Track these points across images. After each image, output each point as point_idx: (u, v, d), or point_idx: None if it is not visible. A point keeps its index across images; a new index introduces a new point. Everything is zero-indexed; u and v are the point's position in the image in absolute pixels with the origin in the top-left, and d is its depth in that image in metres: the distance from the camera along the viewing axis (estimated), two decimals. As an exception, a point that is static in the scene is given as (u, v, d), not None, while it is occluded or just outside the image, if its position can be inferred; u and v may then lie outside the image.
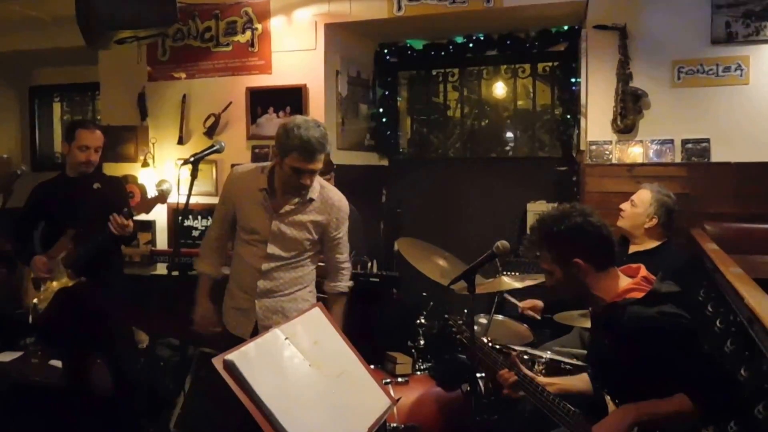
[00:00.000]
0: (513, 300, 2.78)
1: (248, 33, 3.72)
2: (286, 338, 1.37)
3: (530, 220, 3.58)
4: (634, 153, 3.09)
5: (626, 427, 1.41)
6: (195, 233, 3.83)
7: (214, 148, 2.26)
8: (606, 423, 1.45)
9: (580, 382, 1.71)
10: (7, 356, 3.21)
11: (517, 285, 2.49)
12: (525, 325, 2.77)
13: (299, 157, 1.95)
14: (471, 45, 3.77)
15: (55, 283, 2.67)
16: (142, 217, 3.15)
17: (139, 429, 2.67)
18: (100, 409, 2.67)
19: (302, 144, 1.93)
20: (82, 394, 2.72)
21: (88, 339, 2.71)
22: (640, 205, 2.44)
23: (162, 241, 3.93)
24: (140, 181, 3.93)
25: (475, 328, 2.60)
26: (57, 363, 3.03)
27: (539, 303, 2.70)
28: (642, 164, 3.07)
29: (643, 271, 1.60)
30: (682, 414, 1.37)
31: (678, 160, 3.02)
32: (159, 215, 3.88)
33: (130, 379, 2.77)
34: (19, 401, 2.90)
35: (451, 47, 3.84)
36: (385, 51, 4.00)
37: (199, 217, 3.83)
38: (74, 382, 2.76)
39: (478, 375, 2.17)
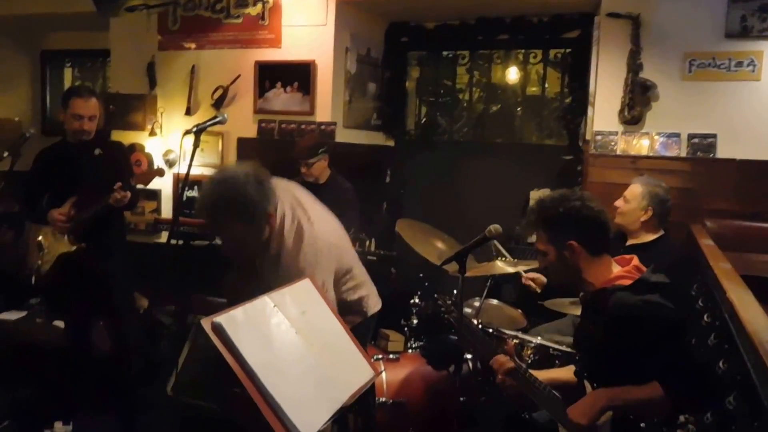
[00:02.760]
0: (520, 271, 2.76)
1: (259, 6, 3.70)
2: (275, 306, 1.40)
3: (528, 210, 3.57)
4: (640, 145, 3.07)
5: (597, 411, 1.45)
6: (199, 204, 3.88)
7: (217, 120, 2.28)
8: (578, 406, 1.49)
9: (567, 372, 1.74)
10: (13, 315, 3.32)
11: (511, 270, 2.52)
12: (519, 311, 2.81)
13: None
14: (483, 28, 3.73)
15: (58, 246, 2.73)
16: (148, 185, 3.20)
17: (137, 392, 2.76)
18: (100, 370, 2.76)
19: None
20: (83, 355, 2.81)
21: (89, 303, 2.78)
22: (632, 200, 2.45)
23: (167, 211, 3.99)
24: (147, 150, 3.97)
25: (468, 310, 2.65)
26: (60, 324, 3.13)
27: (543, 277, 2.70)
28: (646, 157, 3.05)
29: (636, 261, 1.62)
30: (655, 402, 1.39)
31: (683, 154, 3.00)
32: (165, 185, 3.93)
33: (129, 343, 2.85)
34: (22, 359, 3.00)
35: (462, 29, 3.79)
36: (397, 30, 3.96)
37: (204, 189, 3.87)
38: (75, 343, 2.85)
39: (467, 356, 2.22)
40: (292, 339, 1.38)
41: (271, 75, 3.69)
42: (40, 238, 2.79)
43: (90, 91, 2.85)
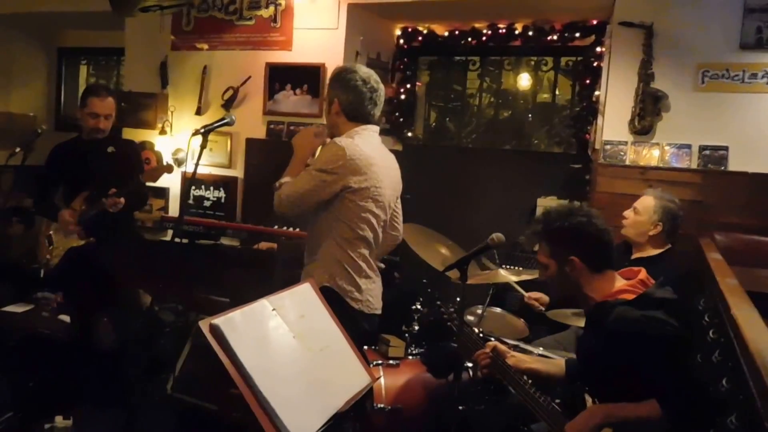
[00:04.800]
0: (519, 288, 2.77)
1: (271, 8, 3.72)
2: (273, 309, 1.40)
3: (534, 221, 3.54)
4: (650, 155, 3.03)
5: (594, 427, 1.43)
6: (207, 203, 3.91)
7: (225, 121, 2.29)
8: (575, 422, 1.47)
9: (553, 366, 1.73)
10: (20, 308, 3.36)
11: (514, 278, 2.50)
12: (522, 320, 2.78)
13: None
14: (494, 34, 3.72)
15: (67, 240, 2.77)
16: (157, 183, 3.23)
17: (138, 389, 2.77)
18: (102, 364, 2.78)
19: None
20: (87, 349, 2.84)
21: (95, 297, 2.81)
22: (643, 213, 2.40)
23: (175, 209, 4.02)
24: (157, 148, 4.01)
25: (471, 318, 2.63)
26: (66, 318, 3.16)
27: (545, 297, 2.69)
28: (656, 168, 3.01)
29: (642, 275, 1.59)
30: (652, 420, 1.37)
31: (694, 166, 2.96)
32: (173, 183, 3.96)
33: (132, 340, 2.87)
34: (27, 351, 3.03)
35: (474, 35, 3.79)
36: (408, 35, 3.96)
37: (212, 188, 3.90)
38: (80, 337, 2.88)
39: (467, 364, 2.20)
40: (289, 343, 1.38)
41: (281, 77, 3.71)
42: (50, 232, 2.84)
43: (107, 90, 2.91)
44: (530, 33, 3.61)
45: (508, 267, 2.63)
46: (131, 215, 3.06)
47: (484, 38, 3.75)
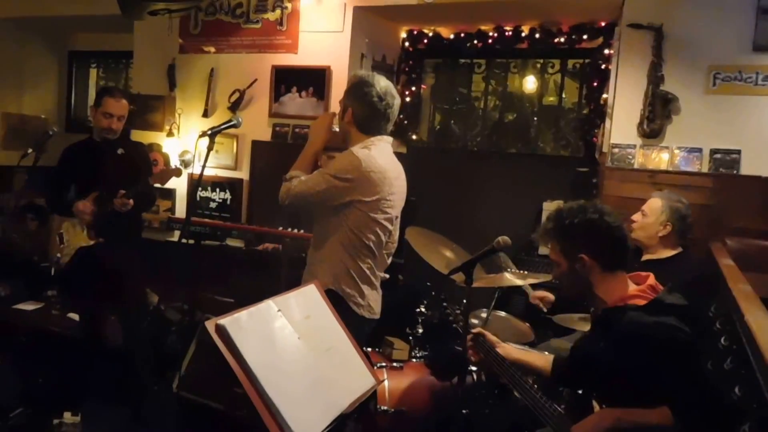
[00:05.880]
0: (526, 288, 2.73)
1: (278, 11, 3.74)
2: (279, 310, 1.41)
3: (544, 219, 3.51)
4: (659, 159, 2.99)
5: (602, 431, 1.40)
6: (212, 204, 3.92)
7: (232, 123, 2.30)
8: (583, 424, 1.44)
9: (540, 360, 1.71)
10: (31, 305, 3.40)
11: (519, 282, 2.47)
12: (527, 324, 2.75)
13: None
14: (500, 36, 3.70)
15: (77, 240, 2.80)
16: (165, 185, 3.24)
17: (144, 387, 2.78)
18: (110, 362, 2.80)
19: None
20: (95, 347, 2.86)
21: (103, 296, 2.83)
22: (651, 214, 2.37)
23: (181, 210, 4.04)
24: (164, 150, 4.03)
25: (475, 321, 2.61)
26: (74, 316, 3.19)
27: (551, 296, 2.66)
28: (665, 171, 2.97)
29: (651, 280, 1.56)
30: (663, 427, 1.34)
31: (705, 169, 2.91)
32: (180, 185, 3.98)
33: (139, 338, 2.88)
34: (37, 348, 3.06)
35: (480, 37, 3.77)
36: (413, 37, 3.96)
37: (218, 189, 3.92)
38: (88, 335, 2.90)
39: (471, 368, 2.18)
40: (294, 343, 1.38)
41: (287, 79, 3.72)
42: (61, 230, 2.87)
43: (122, 92, 2.97)
44: (537, 35, 3.59)
45: (513, 270, 2.60)
46: (140, 216, 3.08)
47: (489, 40, 3.73)
